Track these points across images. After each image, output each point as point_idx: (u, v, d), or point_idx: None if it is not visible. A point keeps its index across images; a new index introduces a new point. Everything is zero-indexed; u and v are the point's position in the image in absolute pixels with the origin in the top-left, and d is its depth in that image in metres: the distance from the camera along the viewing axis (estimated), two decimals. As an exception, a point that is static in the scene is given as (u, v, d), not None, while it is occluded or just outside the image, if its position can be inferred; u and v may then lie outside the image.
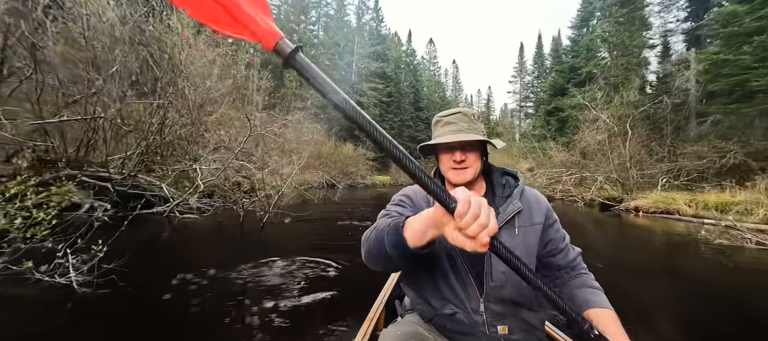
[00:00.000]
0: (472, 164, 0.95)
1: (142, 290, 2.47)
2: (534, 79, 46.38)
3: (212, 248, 4.08)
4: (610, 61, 23.20)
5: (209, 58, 6.02)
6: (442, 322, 0.95)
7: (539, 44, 46.07)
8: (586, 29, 27.91)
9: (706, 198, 9.87)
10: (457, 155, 0.94)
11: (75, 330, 1.91)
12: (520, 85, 52.52)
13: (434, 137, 1.01)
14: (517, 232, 0.94)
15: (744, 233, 5.51)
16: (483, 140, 0.95)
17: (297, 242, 4.38)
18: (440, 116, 1.03)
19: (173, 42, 5.53)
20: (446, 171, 0.99)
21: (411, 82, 45.97)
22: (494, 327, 0.91)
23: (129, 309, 2.18)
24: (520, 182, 1.02)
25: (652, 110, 15.51)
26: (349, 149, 25.08)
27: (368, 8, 42.73)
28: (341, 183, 17.29)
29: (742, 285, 3.63)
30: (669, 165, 13.18)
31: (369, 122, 0.46)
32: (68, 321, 1.97)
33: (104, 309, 2.13)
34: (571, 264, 0.99)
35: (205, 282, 2.73)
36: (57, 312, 2.03)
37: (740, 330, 2.37)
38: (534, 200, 1.01)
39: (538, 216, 0.97)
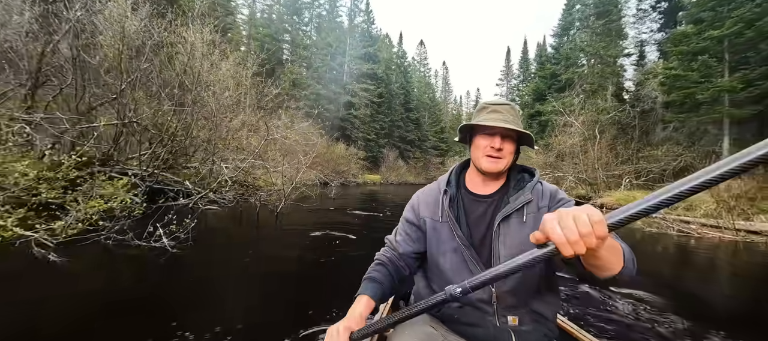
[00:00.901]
0: (507, 156, 0.96)
1: (208, 250, 3.47)
2: (519, 83, 48.22)
3: (241, 229, 5.01)
4: (587, 69, 24.80)
5: (223, 70, 6.87)
6: (450, 313, 0.95)
7: (525, 49, 47.95)
8: (566, 38, 29.56)
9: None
10: (497, 141, 0.94)
11: (174, 271, 2.85)
12: (506, 88, 54.37)
13: (477, 120, 0.99)
14: (526, 220, 0.94)
15: (670, 223, 6.80)
16: (528, 133, 0.95)
17: (306, 228, 5.33)
18: (488, 103, 1.02)
19: (190, 52, 6.37)
20: (480, 158, 0.97)
21: (401, 84, 46.98)
22: (504, 318, 0.91)
23: (204, 260, 3.19)
24: (535, 177, 1.03)
25: (618, 116, 16.98)
26: (341, 149, 25.88)
27: (360, 10, 43.54)
28: (334, 182, 18.16)
29: (662, 257, 4.86)
30: (632, 167, 14.67)
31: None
32: (170, 267, 2.92)
33: (189, 260, 3.10)
34: None
35: (240, 250, 3.68)
36: (161, 263, 2.97)
37: (656, 288, 3.36)
38: (543, 189, 1.01)
39: (543, 201, 0.97)
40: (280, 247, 4.08)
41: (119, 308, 2.14)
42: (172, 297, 2.39)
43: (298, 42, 34.89)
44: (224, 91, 6.08)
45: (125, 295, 2.36)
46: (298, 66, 32.44)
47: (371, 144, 37.33)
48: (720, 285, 3.77)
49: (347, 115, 35.69)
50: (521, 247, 0.88)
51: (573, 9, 28.69)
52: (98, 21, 6.61)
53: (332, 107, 34.67)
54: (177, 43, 6.37)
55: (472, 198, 1.02)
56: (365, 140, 36.34)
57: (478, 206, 1.00)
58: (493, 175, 0.98)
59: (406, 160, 41.73)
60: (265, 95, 9.75)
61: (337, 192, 12.05)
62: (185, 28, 6.89)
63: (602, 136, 15.61)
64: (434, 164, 42.71)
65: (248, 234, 4.67)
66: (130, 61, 6.23)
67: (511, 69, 53.96)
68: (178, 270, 2.91)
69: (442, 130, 54.02)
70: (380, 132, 39.67)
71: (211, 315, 2.12)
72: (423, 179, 38.82)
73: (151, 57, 6.31)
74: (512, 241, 0.91)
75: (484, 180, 1.01)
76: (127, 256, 3.04)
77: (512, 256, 0.76)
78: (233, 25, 31.94)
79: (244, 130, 6.29)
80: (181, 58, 5.87)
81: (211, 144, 5.64)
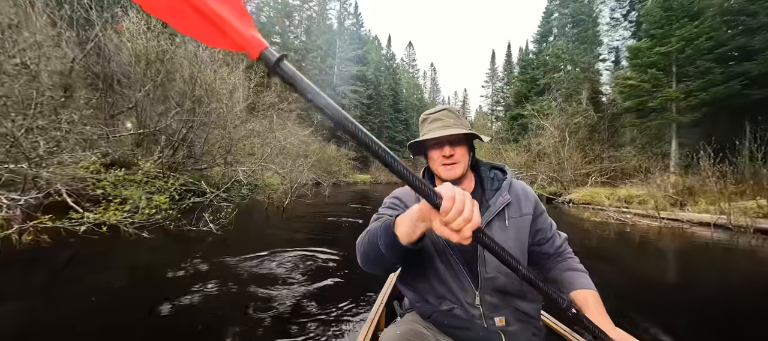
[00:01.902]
0: (461, 159, 0.97)
1: (245, 230, 4.53)
2: (504, 85, 50.11)
3: (257, 219, 6.04)
4: (563, 74, 26.54)
5: (230, 82, 7.84)
6: (440, 318, 0.96)
7: (508, 53, 49.90)
8: (545, 44, 31.33)
9: (619, 192, 12.79)
10: (446, 150, 0.95)
11: (219, 248, 3.88)
12: (491, 90, 56.26)
13: (422, 134, 1.01)
14: (508, 224, 0.96)
15: (609, 211, 8.18)
16: (470, 133, 0.96)
17: (309, 218, 6.39)
18: (427, 114, 1.03)
19: (199, 65, 7.32)
20: (437, 168, 1.00)
21: (390, 85, 48.14)
22: (491, 319, 0.92)
23: (237, 238, 4.23)
24: (508, 175, 1.04)
25: (586, 120, 18.58)
26: (332, 150, 26.80)
27: (349, 13, 44.48)
28: (326, 181, 19.16)
29: (600, 239, 6.17)
30: (598, 166, 16.25)
31: (355, 125, 0.47)
32: (217, 244, 3.94)
33: (226, 238, 4.13)
34: (558, 250, 1.03)
35: (261, 232, 4.72)
36: (209, 240, 3.98)
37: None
38: (522, 192, 1.02)
39: (526, 207, 0.98)
40: (291, 230, 5.14)
41: (195, 265, 3.16)
42: (223, 261, 3.41)
43: (289, 45, 35.54)
44: (234, 104, 7.07)
45: (195, 258, 3.38)
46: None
47: (361, 145, 38.35)
48: (646, 260, 5.05)
49: (337, 116, 36.55)
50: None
51: (551, 17, 30.49)
52: (116, 39, 7.49)
53: (323, 108, 35.49)
54: (185, 59, 7.31)
55: None
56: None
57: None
58: (456, 180, 0.98)
59: (405, 159, 42.90)
60: (263, 102, 10.69)
61: (331, 191, 13.11)
62: (197, 45, 7.82)
63: (573, 138, 17.16)
64: (422, 163, 43.92)
65: (263, 223, 5.71)
66: (144, 74, 7.14)
67: (496, 72, 55.87)
68: (223, 245, 3.94)
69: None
70: (370, 132, 40.69)
71: (251, 268, 3.17)
72: (411, 179, 39.97)
73: (166, 69, 7.22)
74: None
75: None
76: (185, 236, 4.06)
77: (498, 261, 0.81)
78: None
79: (255, 138, 7.30)
80: (191, 71, 6.80)
81: (225, 150, 6.62)
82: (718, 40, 11.50)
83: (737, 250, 5.57)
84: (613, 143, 19.00)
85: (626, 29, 29.26)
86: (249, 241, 4.40)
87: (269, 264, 3.39)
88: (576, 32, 27.67)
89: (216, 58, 7.58)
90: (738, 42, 11.19)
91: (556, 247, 1.03)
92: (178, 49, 7.44)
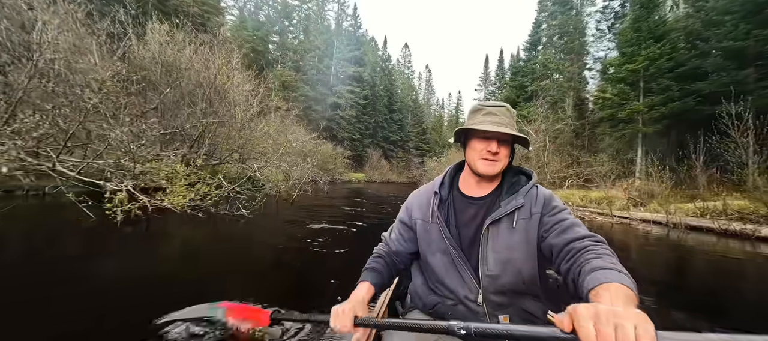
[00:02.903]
0: (503, 159, 0.96)
1: (272, 217, 5.63)
2: (496, 89, 51.78)
3: (271, 209, 7.15)
4: (550, 82, 28.05)
5: (246, 90, 8.91)
6: (443, 311, 0.98)
7: (501, 58, 51.59)
8: (534, 52, 32.86)
9: (591, 194, 14.21)
10: (494, 146, 0.94)
11: (250, 228, 4.98)
12: (484, 93, 57.91)
13: (471, 123, 0.98)
14: (516, 226, 0.94)
15: (572, 209, 9.54)
16: (523, 137, 0.95)
17: (316, 209, 7.51)
18: (483, 105, 1.01)
19: (217, 74, 8.38)
20: (476, 161, 0.98)
21: (386, 86, 49.29)
22: (495, 318, 0.93)
23: (264, 222, 5.34)
24: (532, 180, 1.02)
25: (566, 127, 20.03)
26: (328, 148, 27.84)
27: (347, 15, 45.45)
28: (323, 179, 20.28)
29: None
30: (575, 170, 17.71)
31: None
32: (248, 224, 5.04)
33: (256, 221, 5.23)
34: (570, 243, 0.86)
35: (278, 218, 5.84)
36: (243, 223, 5.07)
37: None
38: (537, 194, 0.99)
39: (536, 207, 0.96)
40: (303, 215, 6.28)
41: (235, 238, 4.27)
42: (258, 238, 4.51)
43: (288, 45, 36.39)
44: (249, 107, 8.13)
45: (235, 234, 4.48)
46: (288, 69, 33.99)
47: (356, 144, 39.46)
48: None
49: (334, 115, 37.69)
50: (509, 252, 0.92)
51: (540, 27, 32.03)
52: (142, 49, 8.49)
53: (319, 107, 36.58)
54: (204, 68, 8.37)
55: (463, 200, 1.04)
56: (350, 139, 38.44)
57: (469, 208, 1.02)
58: (488, 177, 0.99)
59: (389, 159, 44.08)
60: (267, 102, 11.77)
61: (330, 189, 14.26)
62: (212, 52, 8.87)
63: (554, 143, 18.60)
64: (415, 164, 45.41)
65: (277, 211, 6.82)
66: (167, 78, 8.17)
67: (489, 76, 57.56)
68: (254, 226, 5.05)
69: (424, 131, 56.81)
70: (365, 132, 41.85)
71: (278, 241, 4.29)
72: (405, 178, 41.34)
73: (186, 75, 8.26)
74: (500, 245, 0.93)
75: (479, 182, 1.03)
76: (224, 218, 5.18)
77: (500, 261, 0.88)
78: (223, 26, 33.11)
79: (268, 140, 8.41)
80: (207, 78, 7.86)
81: (241, 148, 7.72)
82: (677, 61, 12.97)
83: (666, 240, 6.89)
84: (592, 149, 20.53)
85: (610, 41, 30.79)
86: (270, 223, 5.54)
87: (279, 247, 4.53)
88: (563, 42, 29.18)
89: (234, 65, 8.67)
90: (693, 63, 12.67)
91: (567, 240, 0.87)
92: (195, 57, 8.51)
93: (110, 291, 2.37)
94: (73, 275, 2.62)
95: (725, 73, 11.75)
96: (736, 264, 4.85)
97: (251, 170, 7.06)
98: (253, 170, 7.04)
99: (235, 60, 8.79)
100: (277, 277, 3.07)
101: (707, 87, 12.19)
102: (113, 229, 3.92)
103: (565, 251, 0.86)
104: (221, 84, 7.57)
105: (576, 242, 0.85)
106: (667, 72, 13.26)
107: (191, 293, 2.44)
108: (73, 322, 1.87)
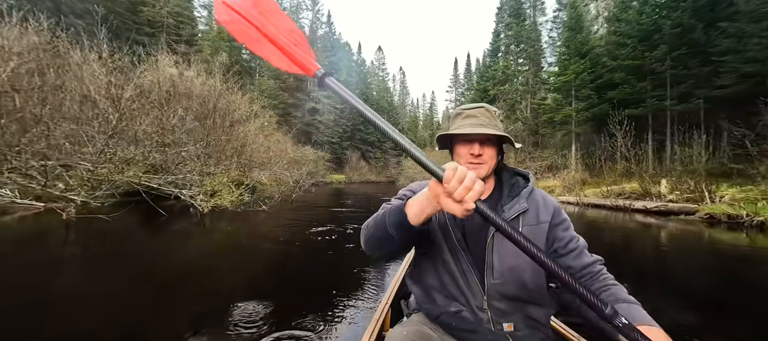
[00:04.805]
0: (488, 161, 0.95)
1: (283, 211, 7.61)
2: (465, 91, 55.33)
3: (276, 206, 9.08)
4: (508, 87, 31.36)
5: (244, 109, 10.68)
6: (448, 320, 0.96)
7: (468, 62, 55.30)
8: (495, 59, 36.21)
9: (539, 184, 17.19)
10: (476, 148, 0.94)
11: (273, 218, 6.94)
12: (454, 94, 61.51)
13: (453, 128, 1.00)
14: (521, 231, 0.89)
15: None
16: (503, 135, 0.94)
17: (312, 205, 9.52)
18: (462, 108, 1.02)
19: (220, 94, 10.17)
20: (462, 165, 0.92)
21: (362, 90, 51.23)
22: (499, 325, 0.92)
23: (279, 216, 7.32)
24: (530, 183, 1.01)
25: (517, 127, 23.14)
26: (310, 152, 29.43)
27: (322, 22, 46.98)
28: (309, 182, 22.12)
29: None
30: (525, 165, 20.80)
31: (381, 119, 0.60)
32: (271, 217, 6.99)
33: (272, 214, 7.19)
34: (587, 268, 0.91)
35: (284, 213, 7.83)
36: (263, 216, 7.01)
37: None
38: (541, 200, 0.99)
39: (544, 215, 0.95)
40: (304, 209, 8.28)
41: (263, 228, 6.23)
42: (278, 226, 6.47)
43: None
44: (249, 124, 9.95)
45: (266, 222, 6.43)
46: (266, 78, 35.17)
47: (335, 147, 41.16)
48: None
49: (312, 120, 39.24)
50: (515, 259, 0.91)
51: (499, 36, 35.41)
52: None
53: (299, 113, 38.03)
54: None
55: None
56: (330, 143, 40.11)
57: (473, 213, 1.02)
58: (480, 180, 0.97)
59: (368, 160, 46.09)
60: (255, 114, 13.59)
61: (316, 190, 16.22)
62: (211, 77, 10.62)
63: (508, 142, 21.57)
64: (393, 164, 47.69)
65: (281, 207, 8.80)
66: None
67: (459, 78, 61.13)
68: (273, 218, 7.01)
69: (400, 131, 58.97)
70: (343, 135, 43.60)
71: (295, 228, 6.31)
72: (383, 178, 43.62)
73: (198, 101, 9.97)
74: (506, 252, 0.92)
75: None
76: (249, 213, 7.10)
77: (505, 267, 0.89)
78: (200, 38, 33.75)
79: (268, 151, 10.27)
80: (214, 101, 9.64)
81: (251, 159, 9.58)
82: (596, 74, 16.17)
83: (574, 214, 9.60)
84: (543, 146, 23.86)
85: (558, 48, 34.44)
86: (285, 216, 7.56)
87: (287, 240, 6.58)
88: (519, 50, 32.58)
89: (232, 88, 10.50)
90: (607, 77, 15.90)
91: (584, 264, 0.91)
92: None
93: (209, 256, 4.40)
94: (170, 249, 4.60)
95: (628, 85, 15.00)
96: (616, 226, 7.48)
97: (264, 177, 8.97)
98: (263, 178, 8.95)
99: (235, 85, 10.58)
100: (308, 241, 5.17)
101: (617, 95, 15.43)
102: (185, 219, 5.82)
103: (580, 273, 0.91)
104: (232, 110, 9.40)
105: (591, 266, 0.91)
106: (590, 83, 16.44)
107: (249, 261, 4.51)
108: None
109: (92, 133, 5.61)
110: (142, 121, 6.32)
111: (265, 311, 2.38)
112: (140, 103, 6.52)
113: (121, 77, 7.35)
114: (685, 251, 5.19)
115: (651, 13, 14.42)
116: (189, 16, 34.77)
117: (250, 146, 9.88)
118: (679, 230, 6.75)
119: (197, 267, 3.70)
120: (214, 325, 2.19)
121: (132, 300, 2.60)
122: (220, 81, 10.36)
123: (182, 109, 7.63)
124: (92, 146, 5.30)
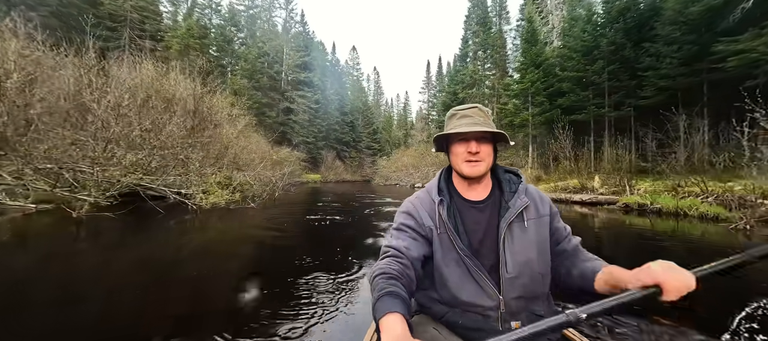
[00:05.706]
0: (486, 158, 0.98)
1: (267, 210, 8.36)
2: (437, 92, 57.44)
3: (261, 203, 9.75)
4: (475, 90, 33.48)
5: (225, 111, 11.13)
6: (454, 319, 0.96)
7: (440, 65, 57.51)
8: (463, 63, 38.35)
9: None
10: (473, 146, 0.96)
11: (262, 215, 7.67)
12: (427, 96, 63.54)
13: (448, 129, 1.01)
14: (527, 225, 0.98)
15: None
16: (499, 132, 0.98)
17: (295, 202, 10.28)
18: (456, 110, 1.05)
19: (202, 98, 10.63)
20: (460, 164, 1.00)
21: (336, 90, 51.60)
22: (508, 324, 0.93)
23: (270, 210, 8.07)
24: (522, 179, 1.06)
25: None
26: (285, 153, 29.62)
27: (296, 22, 46.75)
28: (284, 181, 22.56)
29: None
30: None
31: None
32: (258, 213, 7.71)
33: (262, 209, 7.93)
34: (576, 249, 1.02)
35: (271, 208, 8.58)
36: (253, 210, 7.72)
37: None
38: (538, 195, 1.05)
39: (543, 209, 1.02)
40: (287, 205, 9.06)
41: (254, 221, 6.98)
42: (268, 219, 7.22)
43: (240, 54, 36.86)
44: (233, 127, 10.46)
45: (255, 217, 7.17)
46: (239, 78, 34.67)
47: (310, 146, 41.30)
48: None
49: (286, 120, 39.16)
50: (526, 253, 0.94)
51: (467, 43, 37.56)
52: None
53: (273, 113, 37.80)
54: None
55: (467, 205, 1.04)
56: (305, 143, 40.22)
57: (474, 212, 1.02)
58: (477, 178, 1.00)
59: (343, 160, 46.62)
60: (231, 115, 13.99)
61: (294, 189, 16.86)
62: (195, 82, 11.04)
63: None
64: (368, 163, 48.57)
65: (265, 205, 9.50)
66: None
67: (431, 80, 63.27)
68: (264, 212, 7.73)
69: (375, 131, 60.19)
70: (318, 135, 43.78)
71: (283, 220, 7.12)
72: (359, 177, 44.40)
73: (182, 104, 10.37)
74: (517, 247, 0.94)
75: (470, 185, 1.04)
76: (238, 210, 7.77)
77: (519, 262, 0.91)
78: (168, 34, 32.61)
79: (251, 153, 10.85)
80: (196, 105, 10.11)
81: (236, 160, 10.15)
82: (547, 83, 18.23)
83: None
84: (508, 147, 25.91)
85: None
86: (274, 210, 8.31)
87: (281, 236, 7.41)
88: (486, 56, 34.85)
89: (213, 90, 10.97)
90: (557, 85, 18.02)
91: (574, 246, 1.02)
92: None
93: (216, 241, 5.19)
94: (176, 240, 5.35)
95: (574, 94, 17.15)
96: (561, 216, 9.00)
97: (249, 177, 9.61)
98: (249, 178, 9.61)
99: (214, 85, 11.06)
100: (296, 231, 6.05)
101: (566, 102, 17.55)
102: (180, 215, 6.47)
103: (573, 254, 1.01)
104: (214, 112, 9.93)
105: (578, 246, 1.03)
106: (543, 91, 18.49)
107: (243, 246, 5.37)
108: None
109: (91, 138, 6.09)
110: (142, 124, 6.85)
111: (264, 307, 2.49)
112: (138, 109, 7.02)
113: (108, 81, 7.75)
114: (605, 230, 6.77)
115: (592, 30, 16.62)
116: (154, 10, 33.44)
117: (233, 148, 10.46)
118: (606, 217, 8.38)
119: (198, 257, 4.51)
120: (212, 313, 2.46)
121: (137, 285, 3.07)
122: (200, 84, 10.80)
123: (177, 115, 8.14)
124: (99, 151, 5.81)
